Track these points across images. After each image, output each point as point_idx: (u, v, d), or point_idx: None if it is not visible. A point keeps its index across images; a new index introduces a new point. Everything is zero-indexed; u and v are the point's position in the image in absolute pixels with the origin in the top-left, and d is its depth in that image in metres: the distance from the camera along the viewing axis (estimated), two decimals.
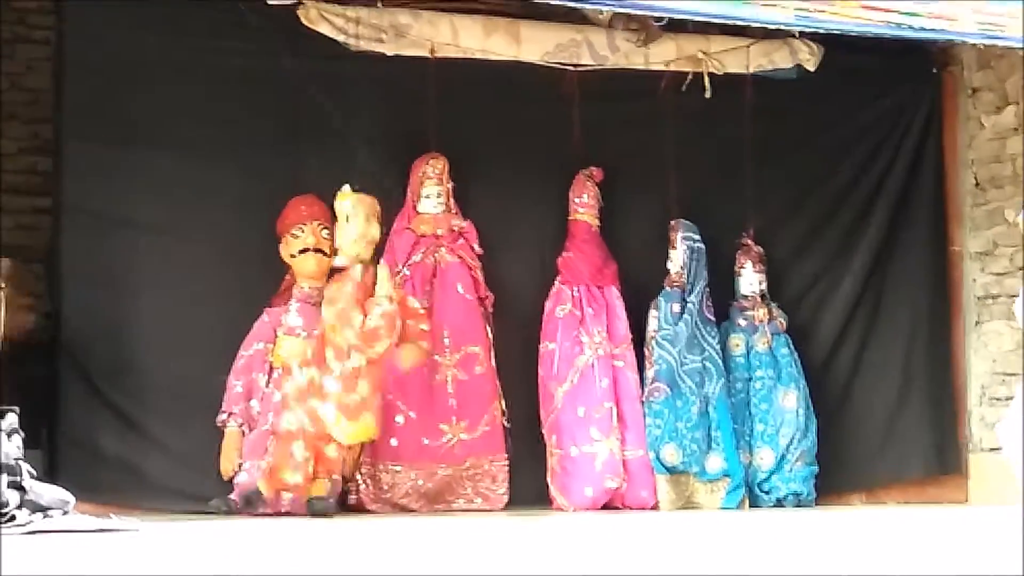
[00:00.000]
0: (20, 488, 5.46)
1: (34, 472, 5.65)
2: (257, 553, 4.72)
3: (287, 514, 6.62)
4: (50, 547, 4.71)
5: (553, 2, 6.36)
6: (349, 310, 6.67)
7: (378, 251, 7.04)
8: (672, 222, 7.70)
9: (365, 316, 6.66)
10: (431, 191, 7.36)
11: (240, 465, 6.83)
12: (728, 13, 6.50)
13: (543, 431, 7.38)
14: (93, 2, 7.00)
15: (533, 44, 7.52)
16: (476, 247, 7.41)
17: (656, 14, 6.81)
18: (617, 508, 7.38)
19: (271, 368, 6.96)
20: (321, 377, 6.62)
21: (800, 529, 5.97)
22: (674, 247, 7.66)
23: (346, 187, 6.84)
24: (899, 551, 4.72)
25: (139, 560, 4.37)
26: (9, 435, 5.55)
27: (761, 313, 7.72)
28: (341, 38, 7.23)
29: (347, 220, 6.85)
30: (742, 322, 7.74)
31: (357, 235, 6.83)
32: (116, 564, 4.19)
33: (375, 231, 6.90)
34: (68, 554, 4.50)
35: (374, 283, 6.78)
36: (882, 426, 8.01)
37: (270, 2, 6.97)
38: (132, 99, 7.06)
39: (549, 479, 7.35)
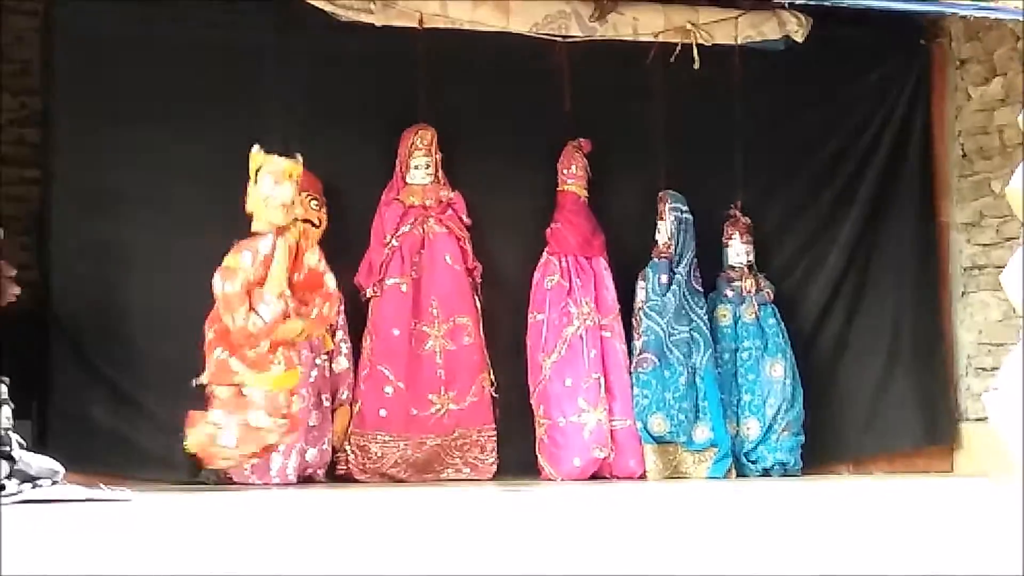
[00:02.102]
0: (10, 458, 5.47)
1: (24, 442, 5.66)
2: (247, 523, 4.73)
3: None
4: (40, 517, 4.72)
5: None
6: (237, 297, 6.28)
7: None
8: (660, 193, 7.71)
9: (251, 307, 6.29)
10: (420, 162, 7.36)
11: None
12: None
13: (531, 401, 7.41)
14: None
15: (521, 15, 7.52)
16: (464, 218, 7.42)
17: None
18: (605, 478, 7.41)
19: None
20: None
21: (786, 499, 6.00)
22: (662, 218, 7.67)
23: (254, 147, 6.38)
24: (885, 520, 4.74)
25: (131, 529, 4.38)
26: None
27: (748, 284, 7.74)
28: (329, 8, 7.22)
29: (254, 182, 6.38)
30: (729, 293, 7.76)
31: (264, 196, 6.36)
32: (107, 533, 4.21)
33: (284, 194, 6.34)
34: (59, 524, 4.52)
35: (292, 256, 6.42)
36: (869, 396, 8.04)
37: None
38: (120, 71, 7.05)
39: (537, 449, 7.38)
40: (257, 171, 6.34)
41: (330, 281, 6.52)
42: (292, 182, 6.39)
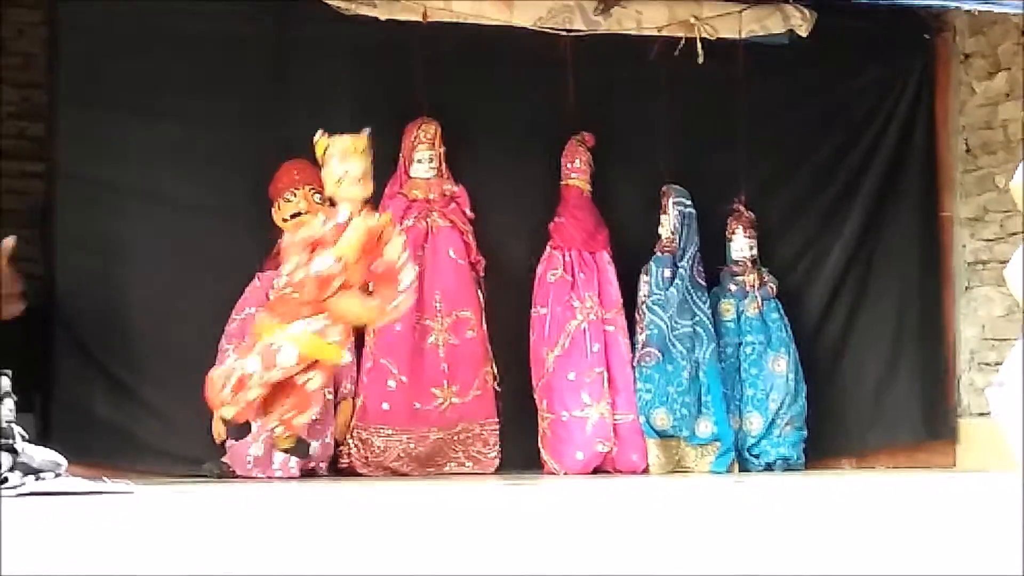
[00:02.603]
0: (12, 451, 5.47)
1: (26, 435, 5.67)
2: (250, 516, 4.74)
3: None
4: (43, 509, 4.73)
5: None
6: (300, 245, 6.13)
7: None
8: (664, 187, 7.70)
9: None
10: (423, 156, 7.36)
11: None
12: None
13: (534, 395, 7.41)
14: None
15: (525, 9, 7.51)
16: (468, 212, 7.42)
17: None
18: (607, 472, 7.41)
19: None
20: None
21: (789, 493, 6.00)
22: (666, 212, 7.67)
23: (317, 133, 6.28)
24: (887, 515, 4.74)
25: (133, 522, 4.39)
26: (2, 399, 5.56)
27: (752, 278, 7.73)
28: (333, 2, 7.21)
29: (323, 168, 6.30)
30: (733, 287, 7.76)
31: (336, 177, 6.25)
32: (110, 526, 4.21)
33: (354, 168, 6.22)
34: (62, 516, 4.52)
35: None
36: (872, 391, 8.04)
37: None
38: (123, 63, 7.06)
39: (540, 443, 7.38)
40: (324, 154, 6.22)
41: (405, 277, 6.24)
42: (360, 155, 6.22)
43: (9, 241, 5.75)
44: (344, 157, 6.19)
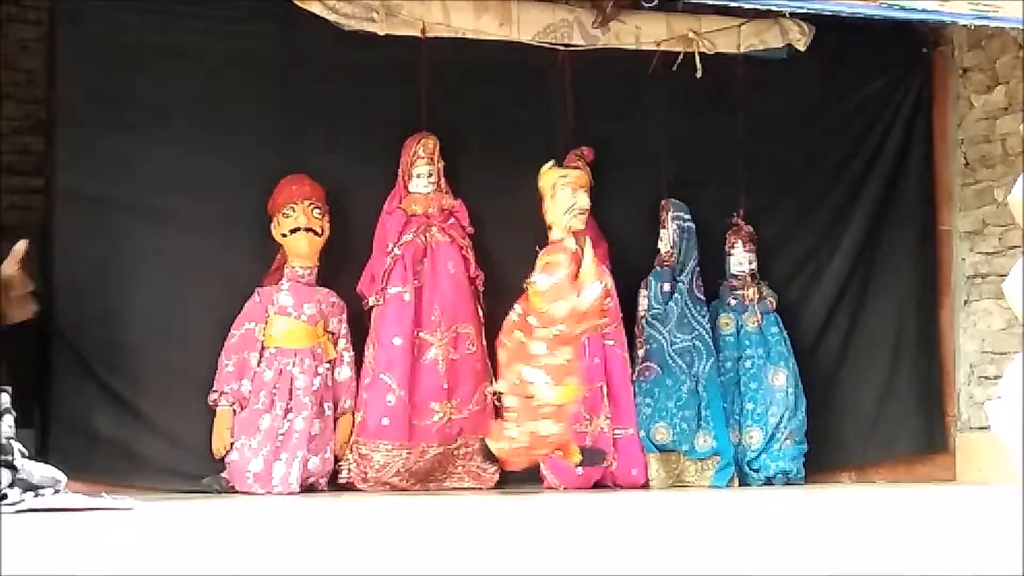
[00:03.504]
0: (12, 467, 5.47)
1: (26, 451, 5.66)
2: (250, 531, 4.74)
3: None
4: (42, 525, 4.73)
5: None
6: (565, 284, 6.70)
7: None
8: (663, 201, 7.72)
9: (577, 292, 6.69)
10: (422, 171, 7.37)
11: (232, 444, 6.87)
12: None
13: None
14: None
15: (524, 24, 7.52)
16: (467, 226, 7.43)
17: None
18: (607, 486, 7.41)
19: (263, 347, 6.99)
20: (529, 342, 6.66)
21: (789, 507, 6.00)
22: (664, 227, 7.68)
23: (548, 164, 6.99)
24: (887, 529, 4.75)
25: (133, 538, 4.39)
26: (2, 415, 5.55)
27: (751, 292, 7.74)
28: (332, 17, 7.22)
29: (551, 197, 6.98)
30: (732, 301, 7.77)
31: (565, 207, 6.97)
32: (110, 542, 4.21)
33: (583, 201, 7.02)
34: (61, 532, 4.52)
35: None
36: (871, 405, 8.04)
37: None
38: (124, 80, 7.07)
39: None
40: (554, 183, 6.93)
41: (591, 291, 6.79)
42: (585, 189, 7.02)
43: (22, 244, 5.77)
44: (576, 188, 6.96)
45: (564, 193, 6.95)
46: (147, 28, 7.07)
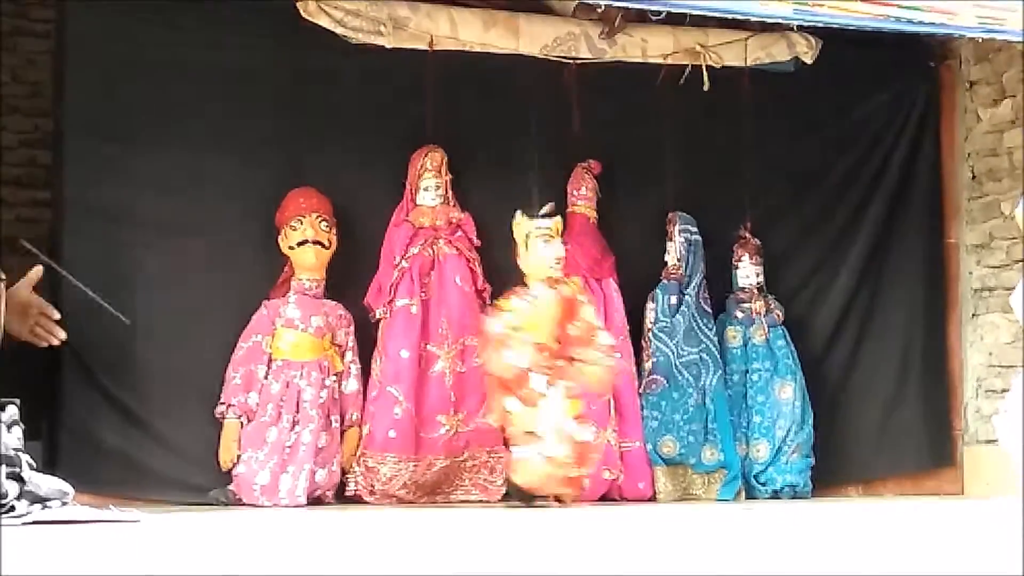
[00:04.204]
0: (19, 479, 5.47)
1: (33, 463, 5.66)
2: (257, 544, 4.74)
3: None
4: (50, 538, 4.73)
5: None
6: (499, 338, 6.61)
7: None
8: (670, 214, 7.72)
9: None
10: (429, 183, 7.38)
11: (238, 456, 6.88)
12: (727, 8, 6.52)
13: None
14: None
15: (532, 38, 7.55)
16: (474, 239, 7.43)
17: (655, 7, 6.81)
18: (614, 499, 7.41)
19: (270, 360, 7.00)
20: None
21: (796, 521, 5.99)
22: (671, 239, 7.68)
23: (518, 214, 6.82)
24: (895, 543, 4.74)
25: (140, 551, 4.39)
26: (9, 427, 5.55)
27: (758, 305, 7.74)
28: (340, 31, 7.24)
29: (525, 248, 6.81)
30: (739, 314, 7.77)
31: (540, 260, 6.77)
32: (117, 555, 4.21)
33: (558, 251, 6.80)
34: (68, 545, 4.52)
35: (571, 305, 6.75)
36: (878, 418, 8.04)
37: None
38: (132, 93, 7.08)
39: None
40: (526, 236, 6.75)
41: (603, 338, 6.78)
42: (560, 236, 6.85)
43: (37, 270, 5.77)
44: (548, 239, 6.76)
45: (537, 245, 6.77)
46: (154, 41, 7.08)
